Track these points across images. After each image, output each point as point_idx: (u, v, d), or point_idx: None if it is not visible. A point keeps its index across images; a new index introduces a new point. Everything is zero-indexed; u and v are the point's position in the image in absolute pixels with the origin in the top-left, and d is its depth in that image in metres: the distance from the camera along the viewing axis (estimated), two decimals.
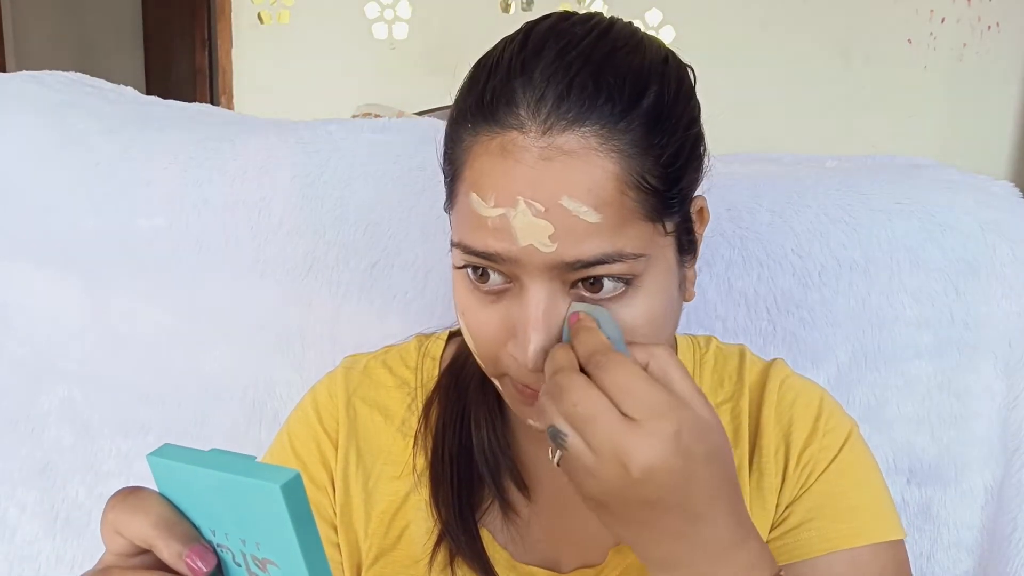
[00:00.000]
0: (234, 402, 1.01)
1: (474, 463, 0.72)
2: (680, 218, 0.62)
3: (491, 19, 2.96)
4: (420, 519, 0.72)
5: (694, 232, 0.65)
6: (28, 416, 1.05)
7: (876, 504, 0.69)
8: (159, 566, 0.49)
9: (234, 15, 3.16)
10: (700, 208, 0.66)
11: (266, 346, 1.01)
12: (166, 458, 0.48)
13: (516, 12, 2.93)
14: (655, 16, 2.79)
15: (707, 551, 0.54)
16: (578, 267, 0.57)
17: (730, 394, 0.74)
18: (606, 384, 0.53)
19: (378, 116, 1.74)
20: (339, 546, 0.74)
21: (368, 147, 1.02)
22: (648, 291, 0.60)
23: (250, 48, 3.20)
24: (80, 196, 1.04)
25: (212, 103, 3.20)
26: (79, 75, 1.18)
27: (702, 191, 0.66)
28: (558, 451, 0.54)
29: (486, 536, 0.71)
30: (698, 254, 0.66)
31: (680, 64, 0.63)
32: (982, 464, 0.92)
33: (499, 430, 0.72)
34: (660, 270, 0.60)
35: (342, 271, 0.99)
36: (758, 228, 0.95)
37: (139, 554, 0.50)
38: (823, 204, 0.95)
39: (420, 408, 0.75)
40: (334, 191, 1.00)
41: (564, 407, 0.53)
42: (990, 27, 3.77)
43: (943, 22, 3.72)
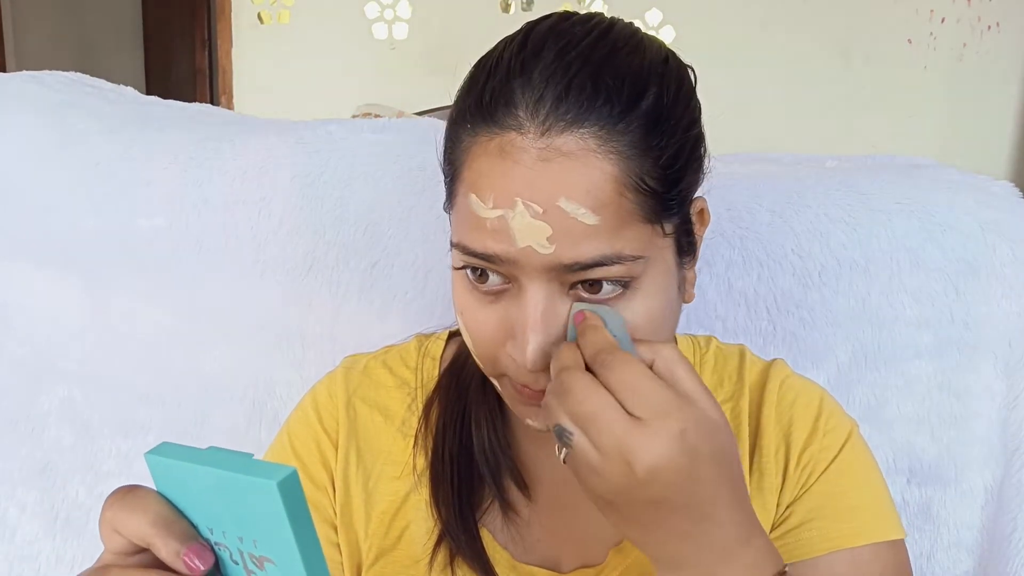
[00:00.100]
0: (234, 402, 1.01)
1: (474, 463, 0.71)
2: (679, 220, 0.62)
3: (491, 19, 2.96)
4: (420, 519, 0.72)
5: (694, 234, 0.65)
6: (28, 416, 1.05)
7: (877, 504, 0.69)
8: (157, 564, 0.49)
9: (234, 15, 3.16)
10: (700, 210, 0.65)
11: (266, 346, 1.01)
12: (164, 456, 0.48)
13: (516, 12, 2.93)
14: (655, 16, 2.79)
15: (714, 550, 0.54)
16: (576, 269, 0.57)
17: (730, 394, 0.74)
18: (611, 383, 0.53)
19: (378, 116, 1.74)
20: (339, 546, 0.74)
21: (368, 147, 1.02)
22: (647, 293, 0.59)
23: (250, 48, 3.20)
24: (80, 196, 1.04)
25: (212, 103, 3.20)
26: (79, 75, 1.18)
27: (703, 192, 0.65)
28: (564, 449, 0.54)
29: (486, 536, 0.71)
30: (698, 256, 0.66)
31: (681, 65, 0.63)
32: (982, 464, 0.92)
33: (499, 430, 0.72)
34: (659, 272, 0.60)
35: (342, 271, 0.99)
36: (758, 228, 0.95)
37: (137, 552, 0.50)
38: (823, 204, 0.95)
39: (420, 408, 0.75)
40: (334, 191, 1.00)
41: (569, 406, 0.53)
42: (990, 27, 3.77)
43: (943, 22, 3.72)
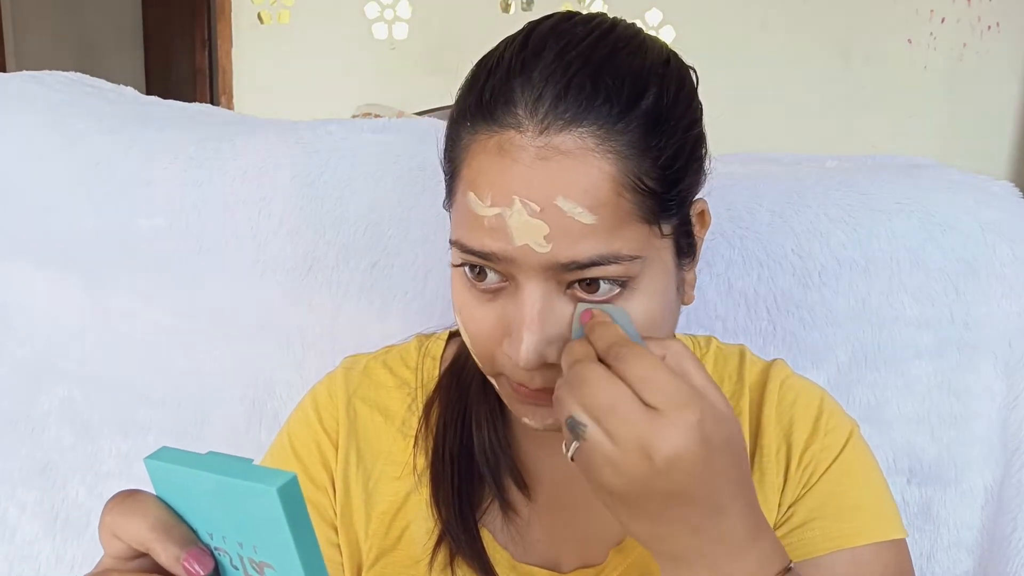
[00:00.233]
0: (234, 402, 1.01)
1: (475, 462, 0.71)
2: (679, 220, 0.62)
3: (491, 19, 2.96)
4: (420, 519, 0.72)
5: (693, 235, 0.64)
6: (28, 416, 1.05)
7: (878, 503, 0.69)
8: (157, 569, 0.49)
9: (234, 15, 3.16)
10: (701, 211, 0.65)
11: (266, 346, 1.01)
12: (163, 461, 0.48)
13: (516, 12, 2.93)
14: (655, 16, 2.79)
15: (724, 544, 0.54)
16: (573, 268, 0.57)
17: (730, 394, 0.74)
18: (627, 374, 0.52)
19: (378, 116, 1.74)
20: (339, 547, 0.74)
21: (368, 147, 1.02)
22: (644, 293, 0.59)
23: (250, 48, 3.20)
24: (80, 196, 1.04)
25: (212, 103, 3.20)
26: (79, 75, 1.18)
27: (704, 194, 0.65)
28: (573, 443, 0.53)
29: (486, 536, 0.71)
30: (698, 257, 0.66)
31: (682, 66, 0.63)
32: (982, 464, 0.92)
33: (500, 430, 0.72)
34: (657, 272, 0.60)
35: (342, 271, 0.99)
36: (758, 228, 0.95)
37: (137, 557, 0.50)
38: (823, 204, 0.95)
39: (420, 408, 0.75)
40: (334, 191, 1.00)
41: (584, 397, 0.52)
42: (990, 27, 3.77)
43: (943, 22, 3.72)
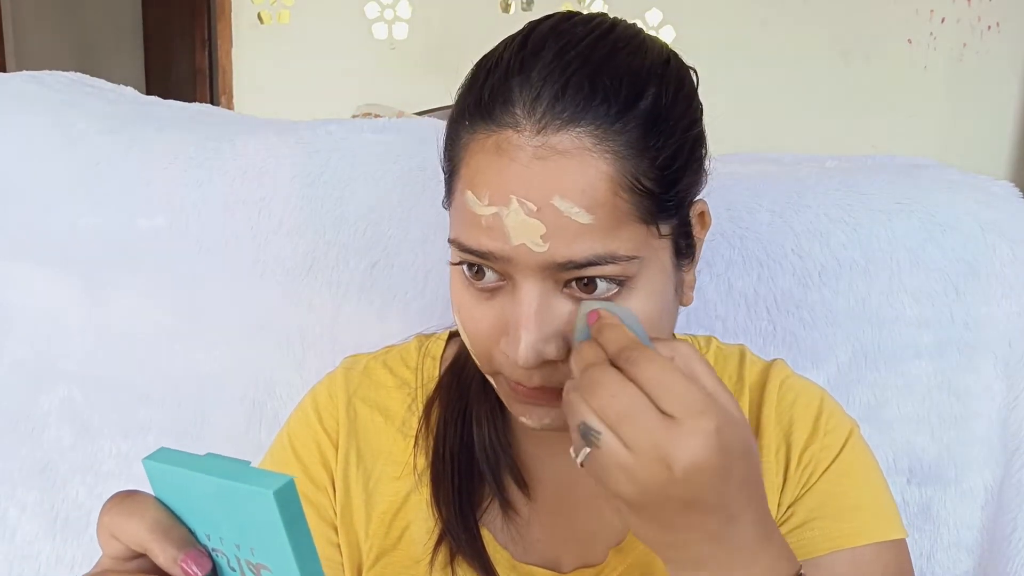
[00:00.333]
0: (234, 402, 1.01)
1: (475, 461, 0.71)
2: (677, 221, 0.62)
3: (491, 19, 2.95)
4: (421, 519, 0.72)
5: (692, 236, 0.64)
6: (28, 416, 1.04)
7: (878, 503, 0.69)
8: (155, 570, 0.49)
9: (234, 15, 3.16)
10: (701, 212, 0.65)
11: (266, 346, 1.01)
12: (161, 462, 0.48)
13: (516, 12, 2.93)
14: (655, 16, 2.78)
15: (736, 550, 0.53)
16: (570, 267, 0.57)
17: None
18: (641, 380, 0.51)
19: (378, 116, 1.74)
20: (339, 547, 0.74)
21: (368, 147, 1.02)
22: (642, 293, 0.59)
23: (250, 48, 3.20)
24: (80, 196, 1.04)
25: (212, 103, 3.20)
26: (79, 75, 1.18)
27: (704, 195, 0.65)
28: (584, 449, 0.52)
29: (487, 536, 0.71)
30: (698, 259, 0.66)
31: (682, 67, 0.63)
32: (982, 464, 0.92)
33: (500, 428, 0.72)
34: (654, 272, 0.60)
35: (342, 271, 0.99)
36: (758, 228, 0.95)
37: (135, 558, 0.50)
38: (823, 204, 0.95)
39: (420, 408, 0.75)
40: (334, 191, 1.00)
41: (598, 403, 0.51)
42: (990, 27, 3.77)
43: (943, 22, 3.72)
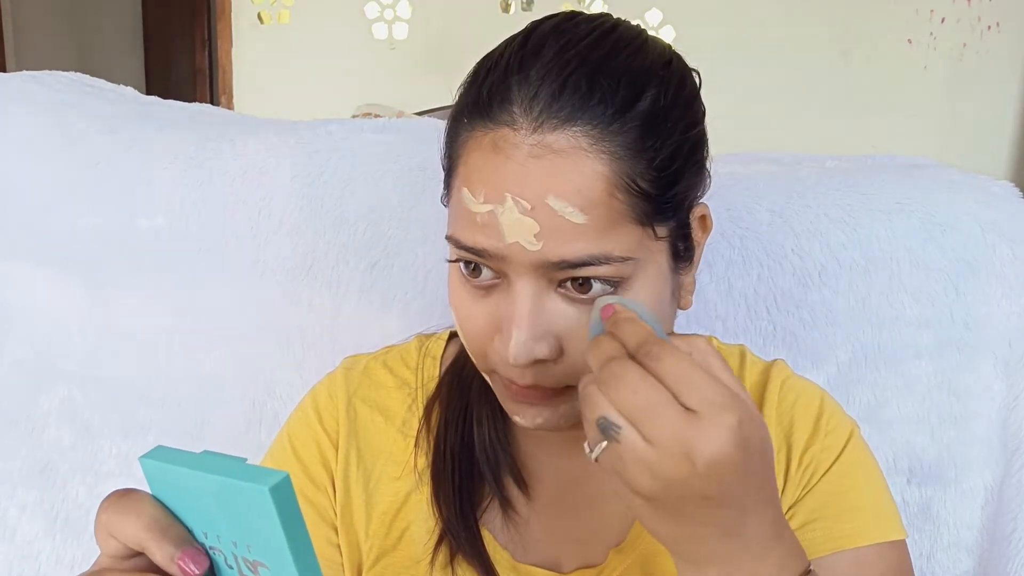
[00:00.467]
0: (234, 402, 1.01)
1: (475, 460, 0.71)
2: (676, 224, 0.61)
3: (491, 19, 2.95)
4: (421, 519, 0.72)
5: (691, 239, 0.64)
6: (28, 416, 1.04)
7: (879, 504, 0.69)
8: (152, 568, 0.49)
9: (234, 15, 3.16)
10: (702, 216, 0.65)
11: (266, 346, 1.01)
12: (158, 460, 0.48)
13: (516, 12, 2.93)
14: (655, 16, 2.78)
15: (750, 546, 0.53)
16: (563, 267, 0.57)
17: None
18: (661, 374, 0.50)
19: (378, 116, 1.74)
20: (339, 547, 0.74)
21: (368, 147, 1.02)
22: (637, 295, 0.59)
23: (250, 48, 3.20)
24: (80, 196, 1.04)
25: (212, 103, 3.20)
26: (79, 75, 1.18)
27: (704, 196, 0.65)
28: (601, 444, 0.51)
29: (487, 536, 0.71)
30: (697, 262, 0.66)
31: (684, 68, 0.63)
32: (982, 464, 0.92)
33: (500, 428, 0.72)
34: (650, 275, 0.60)
35: (342, 271, 0.99)
36: (758, 228, 0.94)
37: (133, 556, 0.50)
38: (823, 204, 0.95)
39: (421, 408, 0.75)
40: (334, 191, 1.00)
41: (619, 397, 0.50)
42: (990, 27, 3.77)
43: (943, 22, 3.72)
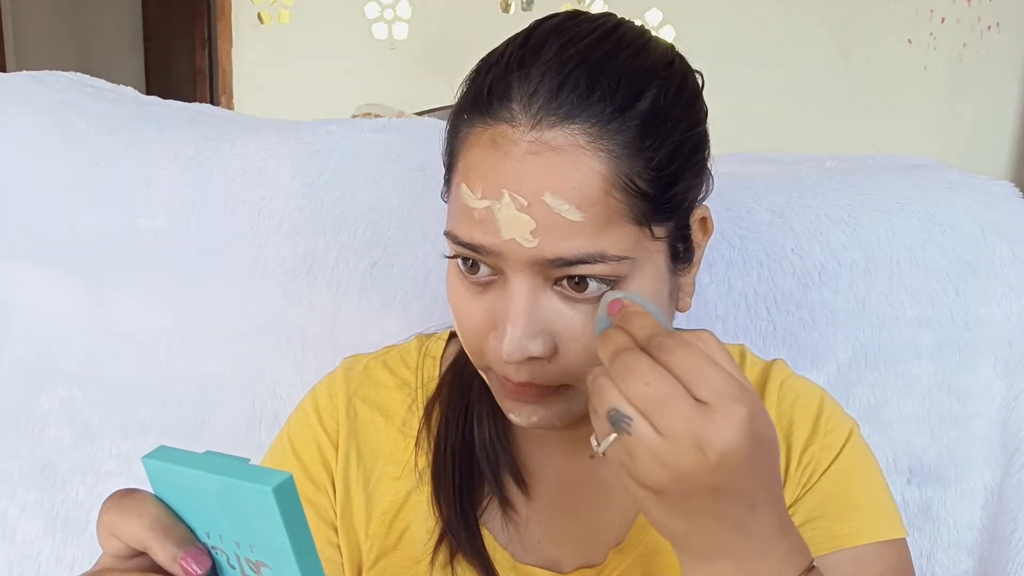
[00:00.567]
0: (234, 402, 1.01)
1: (475, 459, 0.72)
2: (675, 224, 0.61)
3: (491, 19, 2.95)
4: (421, 519, 0.72)
5: (691, 241, 0.64)
6: (28, 416, 1.04)
7: (879, 503, 0.69)
8: (155, 568, 0.49)
9: (234, 15, 3.16)
10: (702, 218, 0.65)
11: (266, 346, 1.01)
12: (161, 460, 0.48)
13: (516, 12, 2.93)
14: (655, 16, 2.79)
15: (756, 541, 0.53)
16: (559, 264, 0.57)
17: None
18: (673, 366, 0.50)
19: (378, 116, 1.74)
20: (339, 547, 0.74)
21: (368, 147, 1.02)
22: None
23: (250, 48, 3.20)
24: (80, 196, 1.04)
25: (212, 103, 3.20)
26: (79, 75, 1.18)
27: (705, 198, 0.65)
28: (610, 436, 0.51)
29: (487, 536, 0.71)
30: (696, 264, 0.66)
31: (687, 69, 0.63)
32: (982, 464, 0.92)
33: (500, 427, 0.72)
34: (648, 275, 0.60)
35: (342, 271, 0.99)
36: (758, 228, 0.94)
37: (135, 556, 0.50)
38: (823, 204, 0.95)
39: (421, 408, 0.75)
40: (334, 191, 1.00)
41: (631, 389, 0.49)
42: (990, 27, 3.77)
43: (943, 22, 3.73)
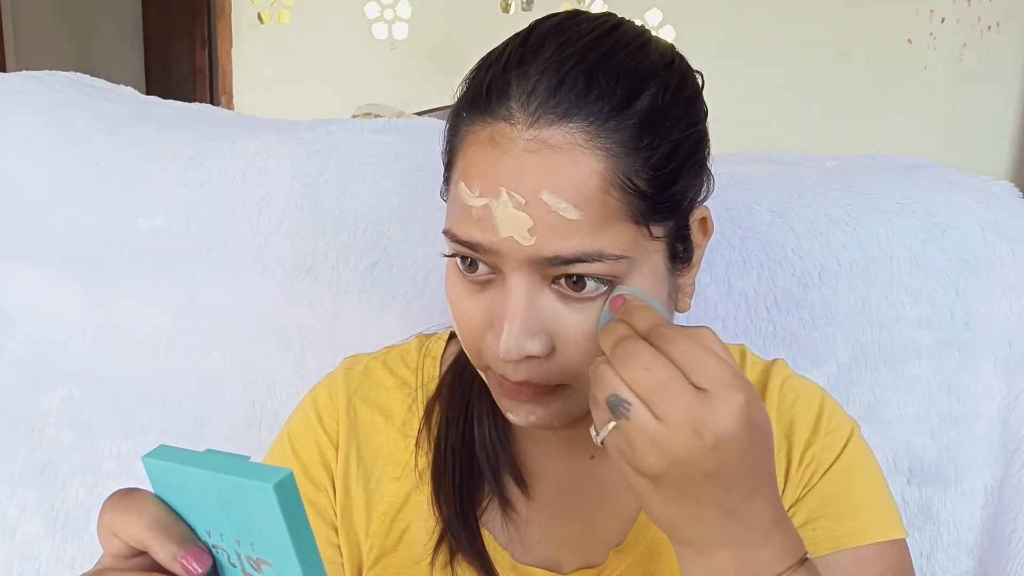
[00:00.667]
0: (234, 402, 1.01)
1: (476, 459, 0.72)
2: (673, 224, 0.61)
3: (491, 19, 2.95)
4: (421, 520, 0.72)
5: (691, 241, 0.64)
6: (28, 416, 1.04)
7: (879, 503, 0.69)
8: (155, 567, 0.49)
9: (234, 15, 3.16)
10: (702, 218, 0.65)
11: (266, 346, 1.01)
12: (161, 459, 0.48)
13: (516, 12, 2.93)
14: (655, 16, 2.79)
15: (752, 530, 0.53)
16: (556, 263, 0.57)
17: None
18: (673, 354, 0.51)
19: (378, 116, 1.74)
20: (339, 547, 0.74)
21: (368, 147, 1.02)
22: None
23: (250, 48, 3.20)
24: (80, 196, 1.04)
25: (212, 103, 3.20)
26: (79, 75, 1.18)
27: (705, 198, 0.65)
28: (608, 424, 0.52)
29: (487, 536, 0.71)
30: (696, 265, 0.66)
31: (687, 69, 0.63)
32: (982, 464, 0.92)
33: (500, 427, 0.72)
34: (645, 275, 0.60)
35: (342, 271, 0.99)
36: (758, 228, 0.95)
37: (135, 555, 0.50)
38: (823, 204, 0.95)
39: (421, 408, 0.75)
40: (334, 191, 1.00)
41: (631, 375, 0.50)
42: (990, 27, 3.77)
43: (943, 22, 3.72)
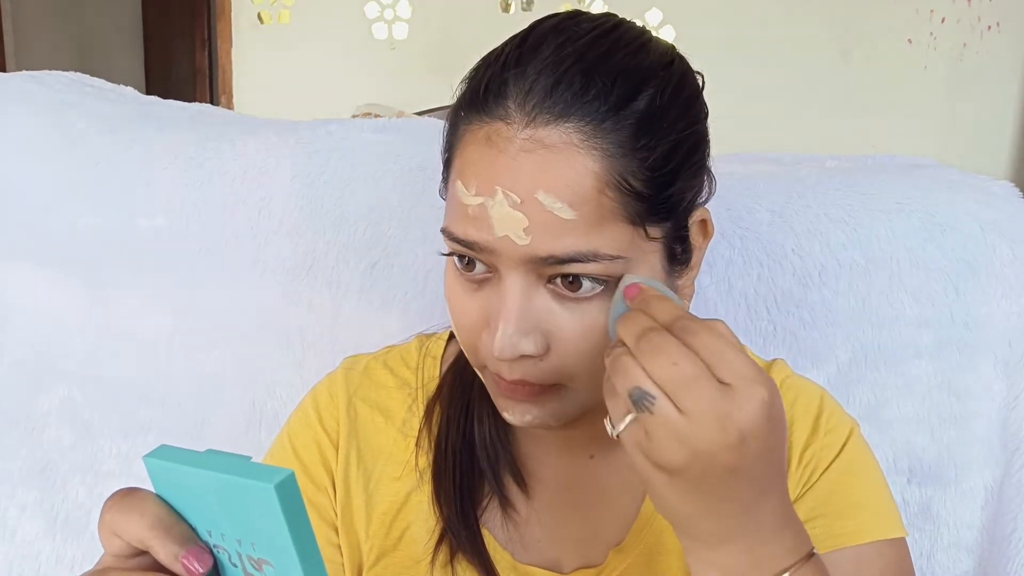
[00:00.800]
0: (234, 402, 1.01)
1: (476, 459, 0.72)
2: (671, 225, 0.61)
3: (491, 19, 2.96)
4: (421, 519, 0.72)
5: (689, 242, 0.64)
6: (28, 416, 1.04)
7: (879, 502, 0.69)
8: (156, 567, 0.49)
9: (234, 15, 3.16)
10: (702, 220, 0.65)
11: (266, 346, 1.01)
12: (162, 459, 0.48)
13: (516, 12, 2.93)
14: (655, 16, 2.79)
15: (764, 527, 0.53)
16: (551, 263, 0.57)
17: None
18: (698, 347, 0.50)
19: (378, 116, 1.74)
20: (340, 547, 0.74)
21: (368, 147, 1.02)
22: None
23: (250, 48, 3.20)
24: (80, 196, 1.04)
25: (212, 103, 3.20)
26: (79, 75, 1.18)
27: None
28: (627, 417, 0.51)
29: (487, 536, 0.71)
30: (695, 266, 0.66)
31: (687, 70, 0.63)
32: (982, 464, 0.92)
33: (500, 427, 0.72)
34: (642, 276, 0.60)
35: (342, 271, 0.99)
36: (758, 228, 0.95)
37: (136, 555, 0.50)
38: (823, 204, 0.95)
39: (421, 408, 0.75)
40: (334, 191, 1.00)
41: (658, 368, 0.50)
42: (990, 27, 3.77)
43: (943, 22, 3.72)
